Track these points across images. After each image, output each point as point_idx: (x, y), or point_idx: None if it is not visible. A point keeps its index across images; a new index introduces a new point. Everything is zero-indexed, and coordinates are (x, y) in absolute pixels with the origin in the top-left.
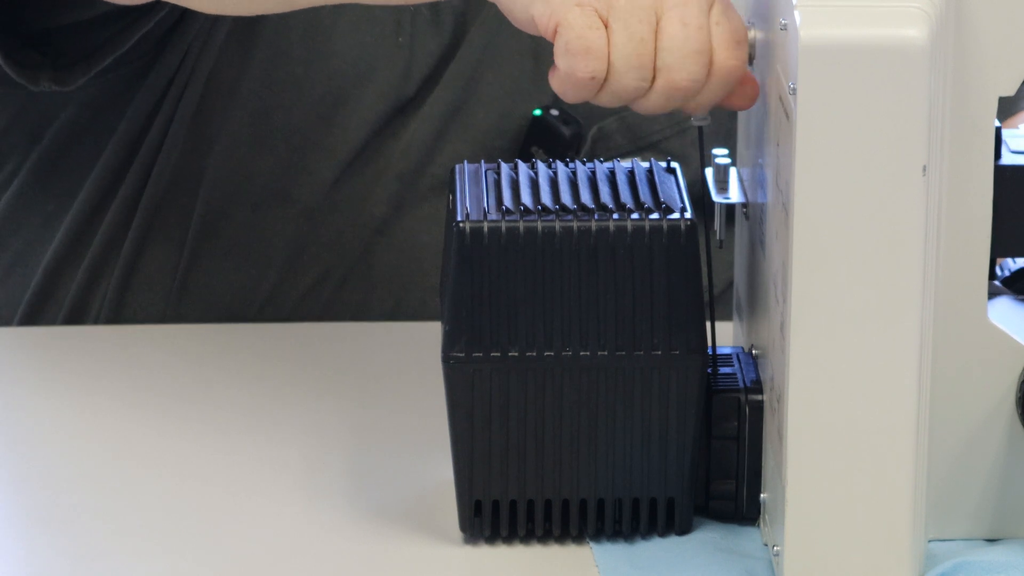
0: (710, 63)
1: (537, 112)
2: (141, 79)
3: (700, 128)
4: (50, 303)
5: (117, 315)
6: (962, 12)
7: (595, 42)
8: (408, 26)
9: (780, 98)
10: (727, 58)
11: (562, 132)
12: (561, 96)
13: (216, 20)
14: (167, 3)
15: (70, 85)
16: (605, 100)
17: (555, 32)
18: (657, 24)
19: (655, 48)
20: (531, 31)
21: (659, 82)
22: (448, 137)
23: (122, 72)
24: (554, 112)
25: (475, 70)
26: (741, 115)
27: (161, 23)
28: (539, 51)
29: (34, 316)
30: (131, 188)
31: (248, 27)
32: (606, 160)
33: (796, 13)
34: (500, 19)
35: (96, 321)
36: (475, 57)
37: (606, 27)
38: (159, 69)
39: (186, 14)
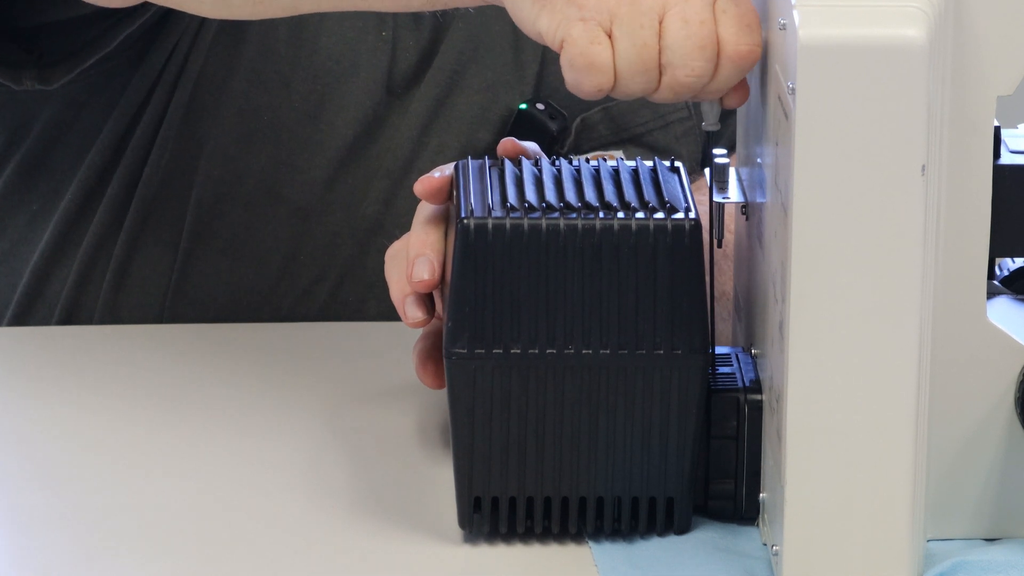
0: (717, 54)
1: (522, 106)
2: (125, 77)
3: (708, 133)
4: (39, 304)
5: (111, 316)
6: (961, 12)
7: (598, 57)
8: (391, 20)
9: (779, 98)
10: (737, 44)
11: (548, 126)
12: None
13: (203, 19)
14: (154, 4)
15: (53, 84)
16: (616, 97)
17: (561, 47)
18: (660, 23)
19: (659, 49)
20: (539, 42)
21: (664, 80)
22: (433, 131)
23: (105, 69)
24: (540, 106)
25: (458, 63)
26: (740, 115)
27: (144, 22)
28: (521, 43)
29: (23, 317)
30: (119, 188)
31: (236, 25)
32: (588, 151)
33: (795, 13)
34: (481, 12)
35: (89, 322)
36: (458, 50)
37: (610, 37)
38: (144, 68)
39: (171, 13)
